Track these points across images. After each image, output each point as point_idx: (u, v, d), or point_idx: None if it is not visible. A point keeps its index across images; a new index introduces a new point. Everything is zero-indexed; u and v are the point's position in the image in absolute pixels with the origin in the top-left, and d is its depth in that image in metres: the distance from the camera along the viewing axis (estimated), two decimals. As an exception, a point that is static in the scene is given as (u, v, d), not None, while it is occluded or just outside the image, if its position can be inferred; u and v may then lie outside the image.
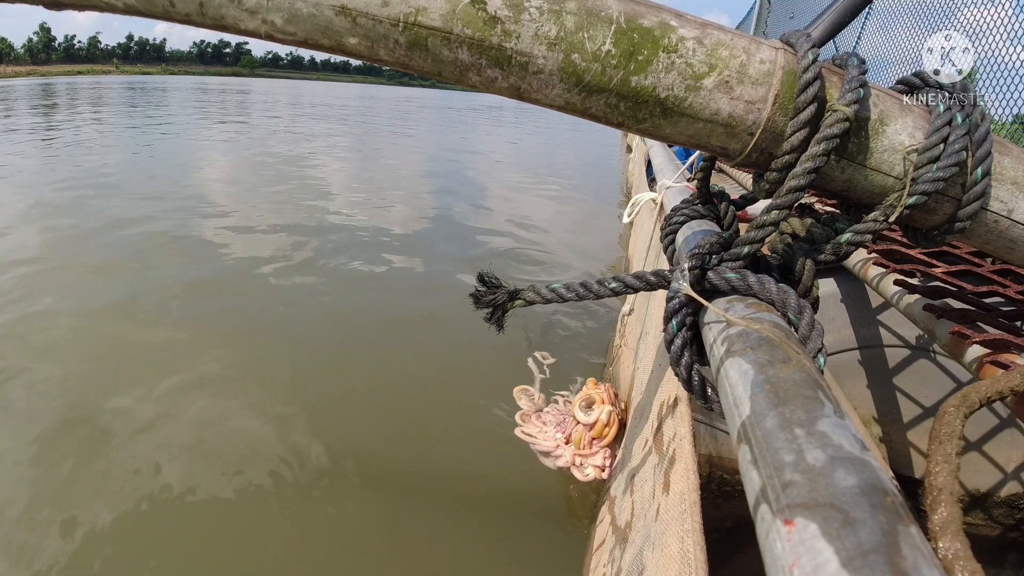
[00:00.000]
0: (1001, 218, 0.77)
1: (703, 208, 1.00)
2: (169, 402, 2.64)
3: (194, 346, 3.17)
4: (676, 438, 0.99)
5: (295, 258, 4.69)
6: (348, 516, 2.07)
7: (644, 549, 0.93)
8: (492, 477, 2.31)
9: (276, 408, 2.64)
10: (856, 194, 0.77)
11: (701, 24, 0.73)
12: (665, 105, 0.73)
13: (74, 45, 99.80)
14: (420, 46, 0.72)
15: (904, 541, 0.31)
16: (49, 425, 2.43)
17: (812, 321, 0.65)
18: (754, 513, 0.39)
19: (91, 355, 3.03)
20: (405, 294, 4.13)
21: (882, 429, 1.99)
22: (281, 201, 6.70)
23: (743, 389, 0.50)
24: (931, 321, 1.13)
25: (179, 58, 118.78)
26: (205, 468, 2.24)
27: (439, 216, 6.57)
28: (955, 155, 0.70)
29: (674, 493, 0.88)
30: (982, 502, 1.93)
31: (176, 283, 4.02)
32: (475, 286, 1.04)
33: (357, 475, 2.29)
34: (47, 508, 2.00)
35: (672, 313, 0.76)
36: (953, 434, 0.55)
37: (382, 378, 2.99)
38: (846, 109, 0.68)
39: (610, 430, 1.83)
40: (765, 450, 0.41)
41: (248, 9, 0.72)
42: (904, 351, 1.91)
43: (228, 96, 31.00)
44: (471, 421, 2.64)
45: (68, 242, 4.77)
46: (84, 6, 0.80)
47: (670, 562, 0.77)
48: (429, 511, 2.11)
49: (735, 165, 0.79)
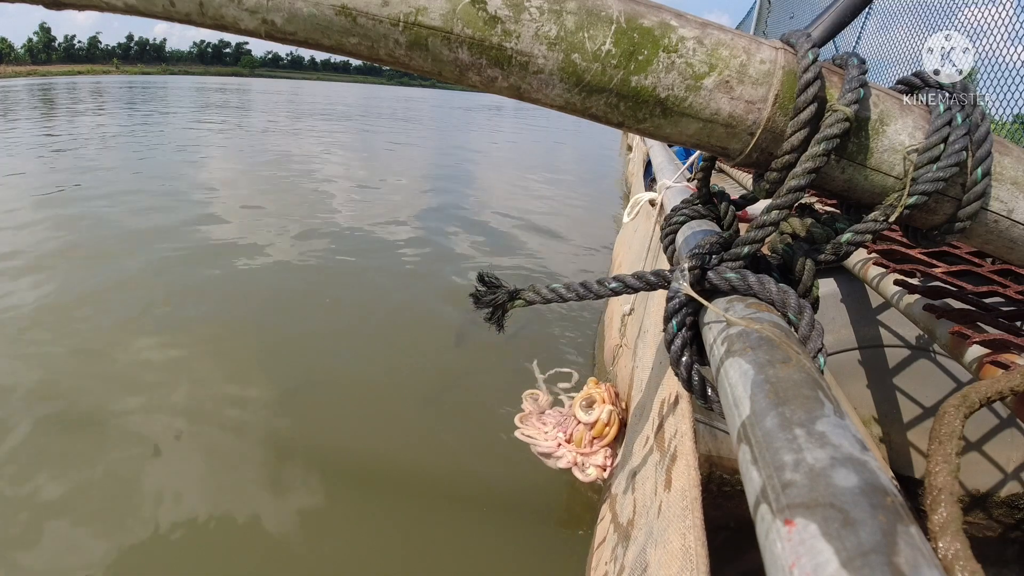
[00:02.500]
0: (1001, 218, 0.77)
1: (703, 208, 1.00)
2: (170, 402, 2.64)
3: (193, 347, 3.17)
4: (677, 435, 0.99)
5: (295, 258, 4.69)
6: (349, 517, 2.07)
7: (647, 546, 0.93)
8: (493, 477, 2.31)
9: (275, 408, 2.64)
10: (856, 194, 0.77)
11: (701, 24, 0.73)
12: (665, 105, 0.73)
13: (74, 45, 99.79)
14: (420, 46, 0.72)
15: (904, 541, 0.31)
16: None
17: (812, 321, 0.65)
18: (754, 513, 0.39)
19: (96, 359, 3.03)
20: (405, 294, 4.13)
21: (882, 429, 1.99)
22: (286, 200, 6.70)
23: (743, 389, 0.50)
24: (931, 321, 1.13)
25: (179, 58, 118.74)
26: (205, 467, 2.24)
27: (440, 215, 6.57)
28: (955, 155, 0.70)
29: (676, 489, 0.88)
30: (982, 502, 1.93)
31: (174, 281, 4.02)
32: (475, 286, 1.04)
33: (358, 476, 2.29)
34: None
35: (672, 313, 0.76)
36: (953, 434, 0.55)
37: (383, 378, 2.99)
38: (846, 109, 0.68)
39: (611, 429, 1.83)
40: (765, 450, 0.41)
41: (248, 9, 0.72)
42: (904, 351, 1.91)
43: (229, 95, 31.00)
44: (474, 421, 2.64)
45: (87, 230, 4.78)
46: (84, 6, 0.80)
47: (672, 558, 0.78)
48: (430, 511, 2.11)
49: (735, 165, 0.79)
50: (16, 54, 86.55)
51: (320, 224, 5.76)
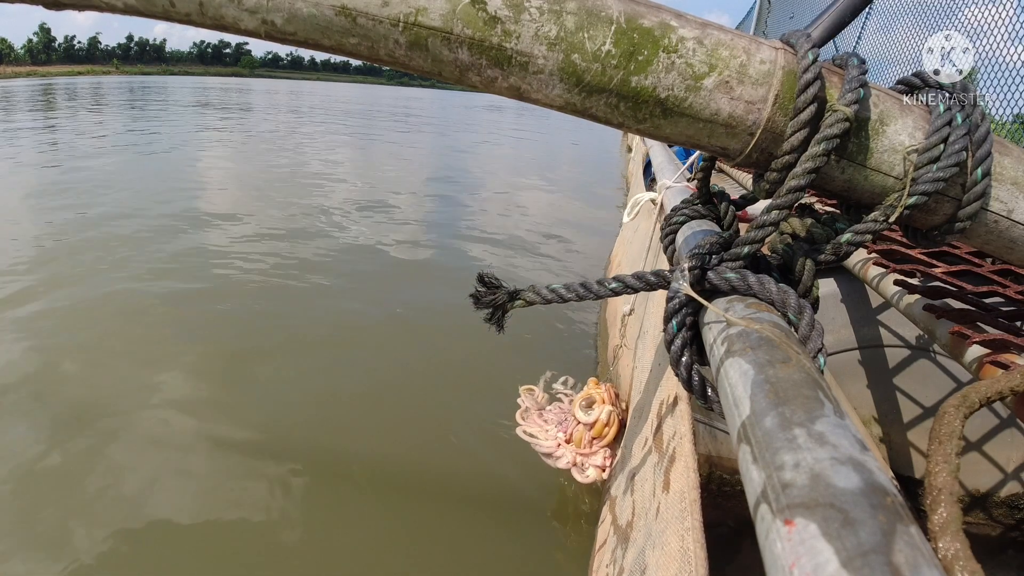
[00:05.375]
0: (1001, 218, 0.77)
1: (703, 208, 1.00)
2: (170, 403, 2.64)
3: (193, 347, 3.17)
4: (676, 436, 0.99)
5: (291, 259, 4.69)
6: (350, 518, 2.07)
7: (646, 548, 0.93)
8: (495, 478, 2.31)
9: (273, 408, 2.64)
10: (856, 194, 0.77)
11: (701, 24, 0.73)
12: (665, 105, 0.73)
13: (74, 46, 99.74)
14: (420, 46, 0.72)
15: (904, 541, 0.31)
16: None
17: (812, 321, 0.65)
18: (754, 513, 0.39)
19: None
20: (404, 294, 4.13)
21: (882, 429, 1.99)
22: (286, 203, 6.70)
23: (743, 389, 0.50)
24: (931, 321, 1.13)
25: (179, 58, 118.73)
26: (205, 466, 2.24)
27: (440, 215, 6.57)
28: (955, 155, 0.70)
29: (674, 491, 0.88)
30: (982, 502, 1.92)
31: (174, 290, 4.02)
32: (475, 286, 1.04)
33: (359, 477, 2.29)
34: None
35: (672, 313, 0.76)
36: (953, 434, 0.55)
37: (382, 378, 2.99)
38: (846, 109, 0.68)
39: (610, 430, 1.83)
40: (765, 450, 0.41)
41: (248, 9, 0.72)
42: (904, 351, 1.91)
43: (229, 95, 31.01)
44: (476, 421, 2.63)
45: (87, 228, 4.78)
46: (84, 6, 0.81)
47: (670, 560, 0.78)
48: (433, 512, 2.11)
49: (735, 165, 0.79)
50: (16, 54, 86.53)
51: (322, 221, 5.76)
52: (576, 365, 3.06)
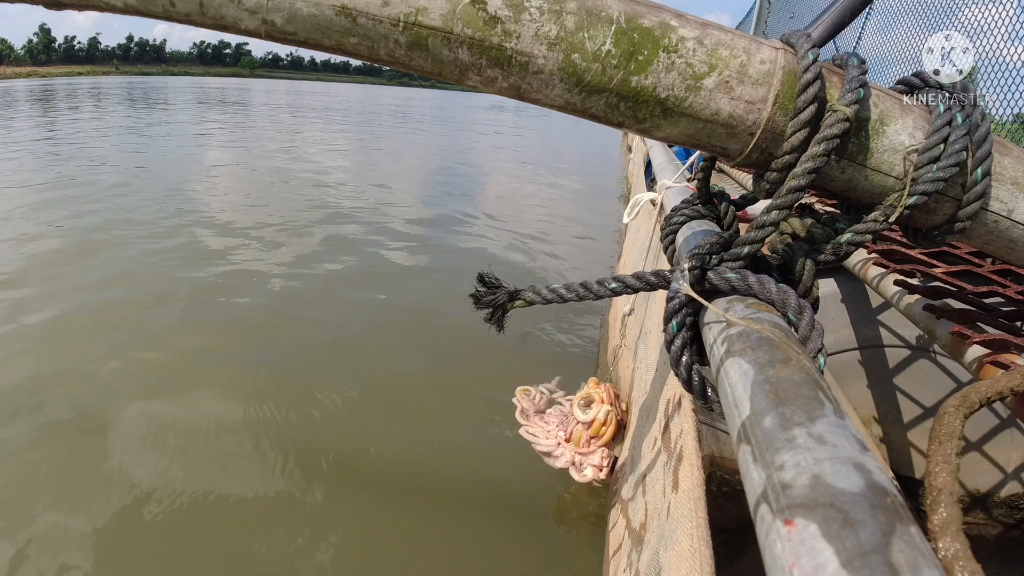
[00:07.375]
0: (1001, 218, 0.77)
1: (703, 208, 1.00)
2: (172, 401, 2.64)
3: (193, 346, 3.17)
4: (682, 435, 0.99)
5: (290, 259, 4.69)
6: (351, 518, 2.07)
7: (659, 549, 0.92)
8: (496, 478, 2.31)
9: (272, 408, 2.64)
10: (856, 194, 0.77)
11: (701, 24, 0.73)
12: (665, 105, 0.73)
13: (74, 46, 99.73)
14: (420, 46, 0.72)
15: (904, 541, 0.31)
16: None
17: (812, 321, 0.65)
18: (754, 513, 0.39)
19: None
20: (405, 294, 4.13)
21: (882, 429, 1.99)
22: (286, 203, 6.70)
23: (743, 389, 0.50)
24: (931, 321, 1.13)
25: (179, 59, 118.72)
26: (204, 466, 2.24)
27: (440, 215, 6.57)
28: (955, 155, 0.70)
29: (683, 490, 0.88)
30: (982, 502, 1.92)
31: (180, 286, 4.02)
32: (475, 286, 1.04)
33: (361, 478, 2.29)
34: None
35: (672, 313, 0.76)
36: (953, 434, 0.54)
37: (382, 378, 2.99)
38: (846, 109, 0.68)
39: (607, 429, 1.83)
40: (765, 450, 0.41)
41: (248, 9, 0.72)
42: (904, 351, 1.91)
43: (228, 95, 31.01)
44: (477, 422, 2.63)
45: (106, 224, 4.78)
46: (84, 6, 0.80)
47: (681, 560, 0.77)
48: (433, 512, 2.11)
49: (735, 165, 0.79)
50: (16, 55, 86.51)
51: (324, 217, 5.76)
52: (576, 365, 3.07)
